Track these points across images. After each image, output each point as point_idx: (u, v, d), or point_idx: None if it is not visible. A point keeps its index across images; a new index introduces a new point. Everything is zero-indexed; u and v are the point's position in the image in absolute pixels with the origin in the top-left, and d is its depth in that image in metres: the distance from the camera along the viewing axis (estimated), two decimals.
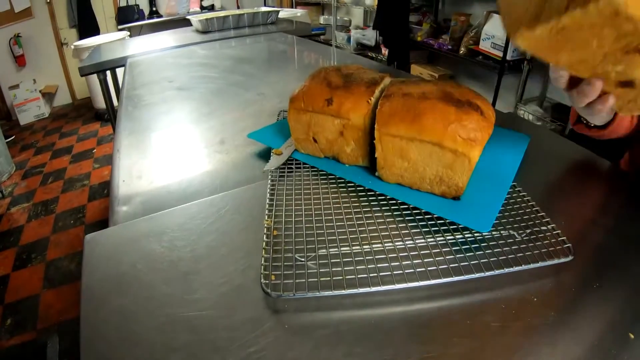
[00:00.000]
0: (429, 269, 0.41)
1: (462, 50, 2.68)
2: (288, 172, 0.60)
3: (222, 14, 2.03)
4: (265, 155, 0.67)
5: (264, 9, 2.23)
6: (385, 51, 3.10)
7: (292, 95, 0.60)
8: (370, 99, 0.54)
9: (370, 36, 3.37)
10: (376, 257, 0.43)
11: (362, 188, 0.55)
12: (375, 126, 0.51)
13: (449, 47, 2.79)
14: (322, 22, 4.27)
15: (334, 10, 4.03)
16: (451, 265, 0.41)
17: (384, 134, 0.50)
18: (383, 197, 0.53)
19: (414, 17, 3.21)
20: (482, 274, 0.40)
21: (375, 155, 0.53)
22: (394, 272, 0.41)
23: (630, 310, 0.37)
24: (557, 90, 2.69)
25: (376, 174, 0.55)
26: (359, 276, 0.40)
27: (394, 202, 0.51)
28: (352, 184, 0.56)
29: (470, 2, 3.13)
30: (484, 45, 2.55)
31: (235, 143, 0.75)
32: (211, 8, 4.81)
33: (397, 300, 0.39)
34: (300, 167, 0.61)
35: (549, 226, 0.46)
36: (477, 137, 0.44)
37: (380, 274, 0.40)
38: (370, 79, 0.58)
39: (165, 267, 0.44)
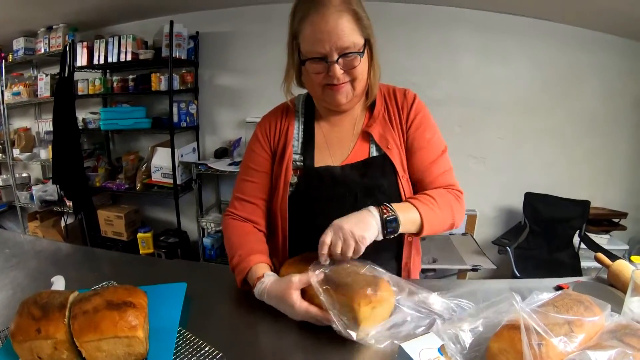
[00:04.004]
0: None
1: (139, 185, 3.06)
2: None
3: None
4: None
5: None
6: (70, 203, 3.17)
7: (10, 332, 0.80)
8: (64, 320, 0.84)
9: (52, 190, 3.33)
10: None
11: None
12: (74, 339, 0.82)
13: (127, 185, 3.12)
14: (1, 183, 3.91)
15: (11, 168, 3.74)
16: None
17: (82, 343, 0.80)
18: None
19: (90, 163, 3.43)
20: None
21: (83, 356, 0.83)
22: None
23: None
24: (226, 194, 3.45)
25: None
26: None
27: None
28: None
29: (136, 139, 3.61)
30: (156, 177, 3.00)
31: None
32: None
33: None
34: None
35: (206, 348, 0.86)
36: (136, 322, 0.82)
37: None
38: (59, 303, 0.86)
39: None
